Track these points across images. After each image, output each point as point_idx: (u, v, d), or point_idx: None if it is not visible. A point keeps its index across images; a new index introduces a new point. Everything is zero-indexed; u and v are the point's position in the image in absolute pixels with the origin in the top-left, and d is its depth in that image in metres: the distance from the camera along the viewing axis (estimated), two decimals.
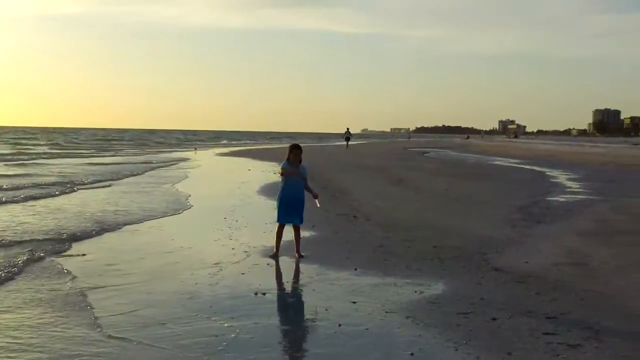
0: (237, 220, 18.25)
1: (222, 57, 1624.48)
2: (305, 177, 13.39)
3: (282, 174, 13.44)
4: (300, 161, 13.36)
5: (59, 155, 58.68)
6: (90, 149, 77.71)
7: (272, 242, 13.49)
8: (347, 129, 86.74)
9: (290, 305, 9.91)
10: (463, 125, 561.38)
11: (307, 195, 13.40)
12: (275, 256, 13.11)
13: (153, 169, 41.22)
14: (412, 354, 7.69)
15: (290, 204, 13.23)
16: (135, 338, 8.24)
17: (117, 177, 33.52)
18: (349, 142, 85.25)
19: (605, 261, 13.09)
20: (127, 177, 34.12)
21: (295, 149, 13.35)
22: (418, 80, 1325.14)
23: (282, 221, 13.41)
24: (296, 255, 13.15)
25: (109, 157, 57.91)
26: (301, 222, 13.42)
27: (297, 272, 12.05)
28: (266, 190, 26.86)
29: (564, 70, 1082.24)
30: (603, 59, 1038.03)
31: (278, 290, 10.96)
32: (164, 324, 8.81)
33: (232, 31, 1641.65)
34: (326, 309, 9.53)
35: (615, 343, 8.11)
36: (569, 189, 29.61)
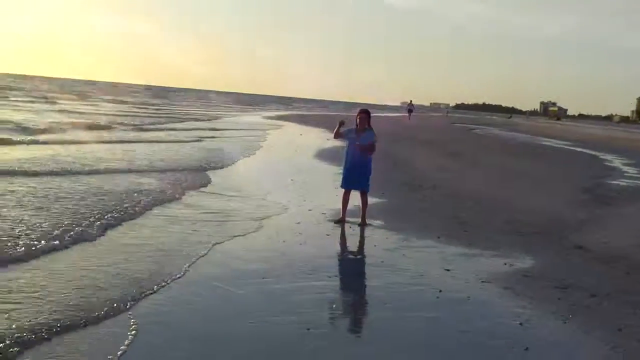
0: (305, 183, 18.30)
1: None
2: (367, 143, 12.89)
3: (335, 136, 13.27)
4: (366, 126, 13.03)
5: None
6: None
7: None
8: (410, 101, 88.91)
9: (386, 268, 9.89)
10: (503, 105, 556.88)
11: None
12: (340, 221, 12.94)
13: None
14: (520, 324, 7.69)
15: (352, 169, 13.07)
16: (241, 290, 8.34)
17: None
18: (412, 114, 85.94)
19: None
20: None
21: (360, 113, 13.16)
22: (460, 57, 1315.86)
23: (344, 187, 13.26)
24: (359, 220, 12.95)
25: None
26: (366, 188, 13.11)
27: (382, 237, 12.01)
28: (322, 155, 26.95)
29: (610, 56, 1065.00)
30: None
31: (370, 253, 10.96)
32: (263, 278, 8.89)
33: None
34: (421, 275, 9.56)
35: None
36: (627, 174, 29.24)
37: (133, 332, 6.68)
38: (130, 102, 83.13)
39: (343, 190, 13.26)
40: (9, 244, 9.27)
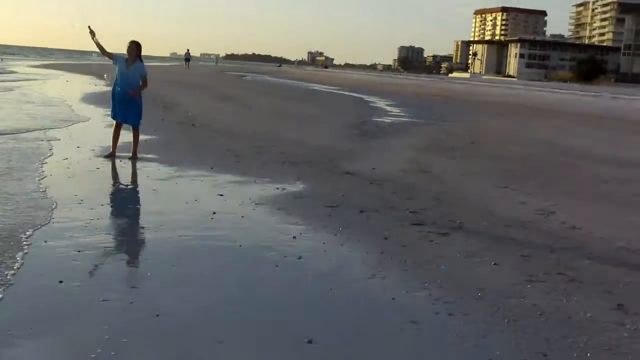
0: (71, 121, 17.72)
1: None
2: (139, 76, 12.73)
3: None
4: (136, 57, 12.79)
5: None
6: None
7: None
8: (187, 50, 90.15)
9: (159, 196, 9.78)
10: (273, 55, 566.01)
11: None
12: (110, 155, 12.59)
13: None
14: (294, 237, 7.85)
15: (122, 101, 12.75)
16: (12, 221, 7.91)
17: None
18: (189, 63, 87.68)
19: (446, 170, 13.75)
20: None
21: (130, 44, 12.81)
22: (229, 7, 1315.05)
23: (114, 117, 12.98)
24: (130, 154, 12.70)
25: None
26: (136, 123, 12.92)
27: (154, 169, 11.84)
28: (89, 99, 26.24)
29: (372, 7, 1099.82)
30: None
31: (143, 183, 10.76)
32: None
33: None
34: (195, 200, 9.52)
35: (478, 233, 8.61)
36: (390, 113, 30.59)
37: None
38: None
39: (112, 128, 12.93)
40: None
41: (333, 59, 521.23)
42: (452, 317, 5.67)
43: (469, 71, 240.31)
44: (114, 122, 12.94)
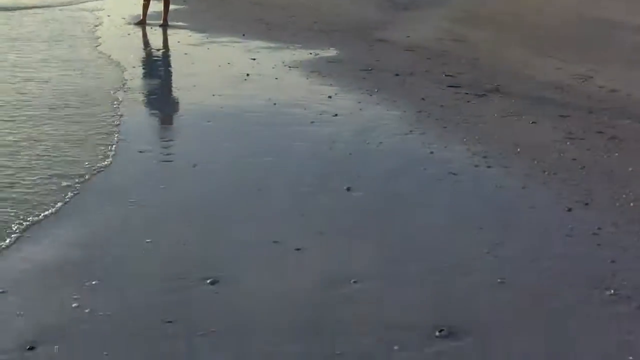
0: None
1: None
2: None
3: None
4: None
5: None
6: None
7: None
8: None
9: (191, 59, 9.71)
10: None
11: None
12: (141, 23, 12.46)
13: None
14: (329, 97, 7.76)
15: None
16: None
17: None
18: None
19: (482, 39, 13.42)
20: None
21: None
22: None
23: None
24: (161, 22, 12.52)
25: None
26: None
27: (185, 35, 11.70)
28: None
29: None
30: None
31: (174, 48, 10.66)
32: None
33: None
34: (228, 63, 9.43)
35: (514, 95, 8.45)
36: None
37: None
38: None
39: None
40: None
41: None
42: (491, 169, 5.61)
43: None
44: None
